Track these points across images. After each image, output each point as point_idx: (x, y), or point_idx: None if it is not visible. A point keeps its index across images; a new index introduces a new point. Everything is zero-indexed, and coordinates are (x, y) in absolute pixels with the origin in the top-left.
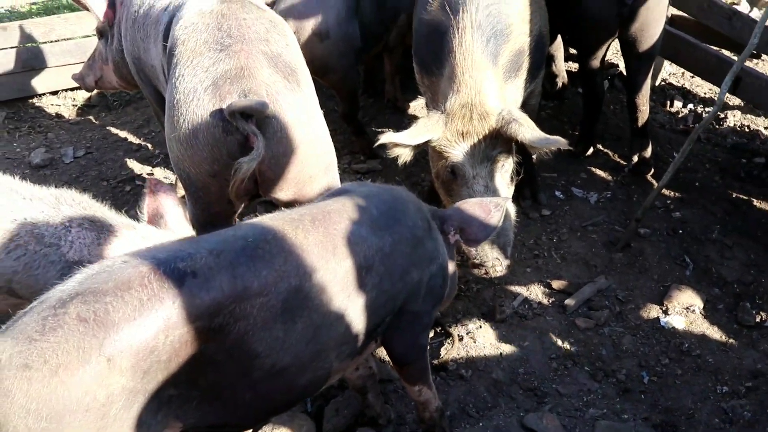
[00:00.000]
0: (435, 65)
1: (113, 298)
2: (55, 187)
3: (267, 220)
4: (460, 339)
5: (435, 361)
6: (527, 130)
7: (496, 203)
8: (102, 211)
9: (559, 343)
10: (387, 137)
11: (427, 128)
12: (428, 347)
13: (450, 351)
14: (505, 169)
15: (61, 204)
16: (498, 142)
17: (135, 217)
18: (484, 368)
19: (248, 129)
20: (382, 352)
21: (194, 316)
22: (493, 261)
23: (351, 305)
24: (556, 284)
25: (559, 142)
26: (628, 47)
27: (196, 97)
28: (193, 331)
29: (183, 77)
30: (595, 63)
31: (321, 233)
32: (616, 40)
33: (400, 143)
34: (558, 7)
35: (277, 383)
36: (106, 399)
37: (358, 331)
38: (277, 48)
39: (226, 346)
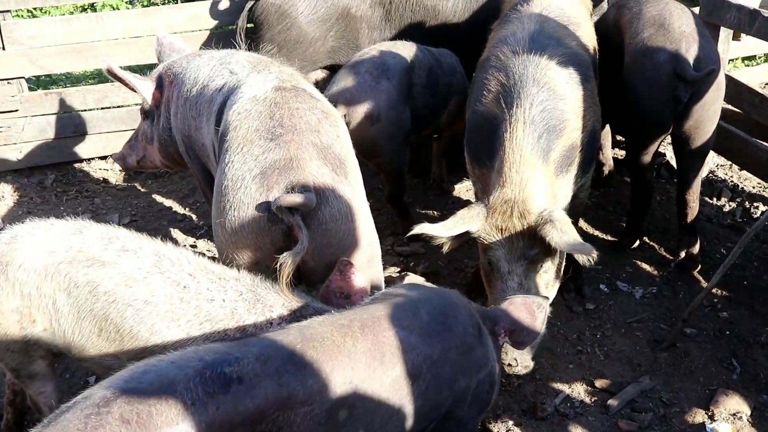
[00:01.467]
0: (486, 157)
1: (157, 400)
2: None
3: (316, 324)
4: None
5: None
6: (557, 233)
7: (538, 304)
8: (301, 296)
9: None
10: (421, 228)
11: (464, 221)
12: None
13: None
14: (544, 270)
15: (258, 288)
16: (536, 242)
17: None
18: None
19: (294, 222)
20: None
21: (237, 423)
22: (511, 360)
23: (395, 414)
24: (599, 383)
25: (585, 248)
26: (681, 143)
27: (244, 185)
28: None
29: (232, 164)
30: (647, 158)
31: (370, 341)
32: None
33: (433, 235)
34: (611, 102)
35: None
36: None
37: None
38: (328, 139)
39: None
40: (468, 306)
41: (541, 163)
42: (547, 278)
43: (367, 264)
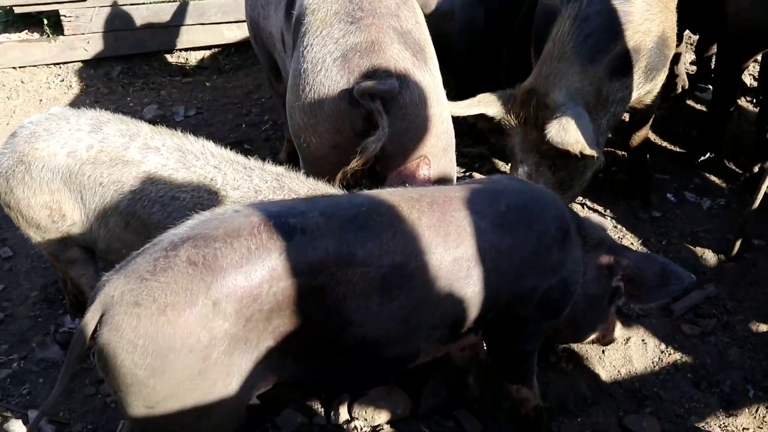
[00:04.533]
0: (541, 50)
1: (222, 244)
2: None
3: (385, 193)
4: None
5: None
6: (555, 128)
7: (677, 276)
8: (326, 187)
9: (663, 347)
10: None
11: (480, 103)
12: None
13: (552, 344)
14: (559, 166)
15: (283, 177)
16: None
17: None
18: (586, 364)
19: (374, 108)
20: None
21: (298, 270)
22: None
23: (451, 294)
24: None
25: (576, 145)
26: None
27: (324, 67)
28: (295, 286)
29: (311, 47)
30: (737, 72)
31: (436, 218)
32: None
33: (452, 112)
34: (707, 11)
35: (364, 353)
36: (209, 341)
37: (454, 321)
38: (407, 24)
39: (324, 307)
40: (560, 210)
41: (582, 62)
42: (562, 176)
43: (443, 152)
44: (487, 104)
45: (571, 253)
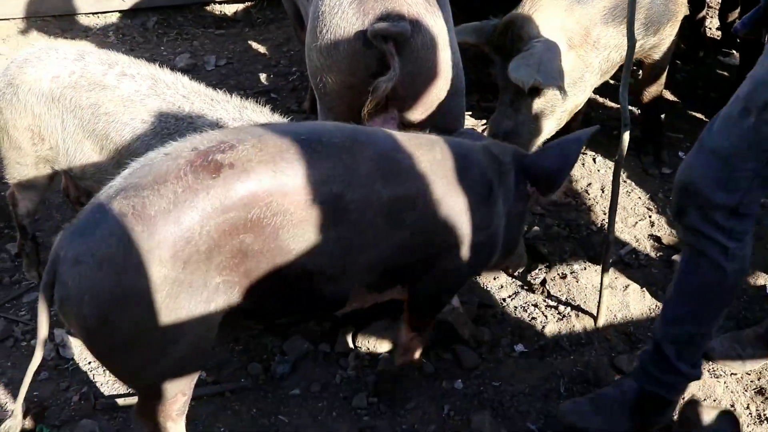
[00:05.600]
0: None
1: (150, 192)
2: None
3: (329, 124)
4: (563, 277)
5: (534, 294)
6: (513, 61)
7: (576, 138)
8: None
9: (661, 295)
10: None
11: (462, 32)
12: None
13: (551, 286)
14: (540, 95)
15: (245, 109)
16: None
17: None
18: (583, 308)
19: (387, 50)
20: (484, 278)
21: (229, 206)
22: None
23: (385, 233)
24: (667, 240)
25: (527, 77)
26: None
27: (341, 9)
28: (229, 221)
29: None
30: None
31: (378, 155)
32: None
33: None
34: None
35: (304, 286)
36: (151, 288)
37: (385, 264)
38: None
39: (263, 239)
40: (484, 166)
41: (569, 3)
42: (543, 105)
43: (452, 97)
44: (467, 33)
45: (495, 207)
